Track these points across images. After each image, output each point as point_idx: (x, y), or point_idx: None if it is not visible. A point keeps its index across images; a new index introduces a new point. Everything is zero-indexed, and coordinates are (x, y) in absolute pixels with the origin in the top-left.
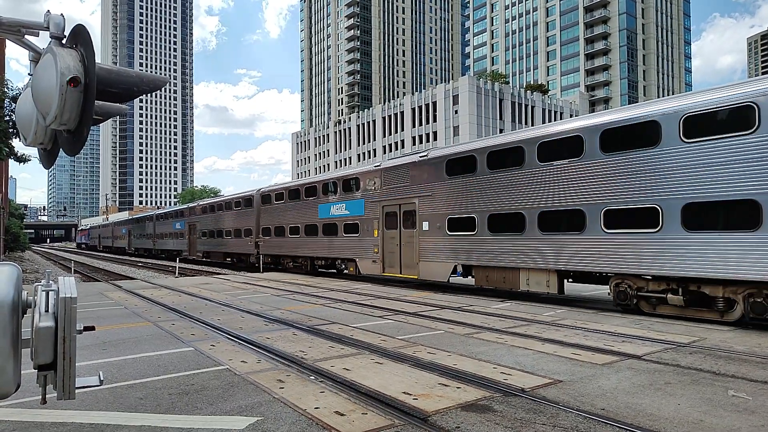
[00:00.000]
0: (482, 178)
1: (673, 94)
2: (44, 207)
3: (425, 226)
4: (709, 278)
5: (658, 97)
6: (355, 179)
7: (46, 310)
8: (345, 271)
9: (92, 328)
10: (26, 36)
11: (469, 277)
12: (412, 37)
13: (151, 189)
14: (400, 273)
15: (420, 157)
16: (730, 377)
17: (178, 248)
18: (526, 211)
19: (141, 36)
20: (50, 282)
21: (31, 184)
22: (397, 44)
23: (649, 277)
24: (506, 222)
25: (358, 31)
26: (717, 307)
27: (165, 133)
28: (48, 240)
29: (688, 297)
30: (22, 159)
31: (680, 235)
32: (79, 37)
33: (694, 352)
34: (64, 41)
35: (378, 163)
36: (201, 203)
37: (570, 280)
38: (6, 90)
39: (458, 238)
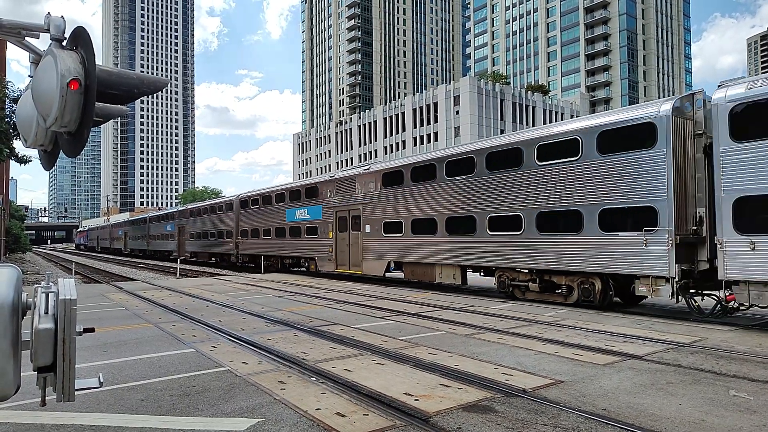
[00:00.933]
0: (408, 189)
1: (673, 94)
2: (45, 208)
3: (367, 228)
4: (554, 270)
5: (659, 97)
6: (314, 188)
7: (46, 312)
8: (305, 269)
9: (92, 330)
10: (27, 38)
11: (398, 272)
12: (412, 37)
13: (153, 190)
14: (349, 269)
15: (364, 169)
16: (731, 377)
17: (170, 249)
18: (437, 218)
19: (142, 37)
20: (50, 284)
21: (32, 186)
22: (398, 45)
23: (519, 270)
24: (425, 226)
25: (359, 32)
26: (562, 292)
27: (166, 134)
28: (49, 241)
29: (543, 285)
30: (22, 160)
31: (535, 236)
32: (80, 39)
33: (695, 352)
34: (64, 43)
35: (333, 174)
36: (189, 207)
37: (472, 271)
38: (7, 91)
39: (391, 239)
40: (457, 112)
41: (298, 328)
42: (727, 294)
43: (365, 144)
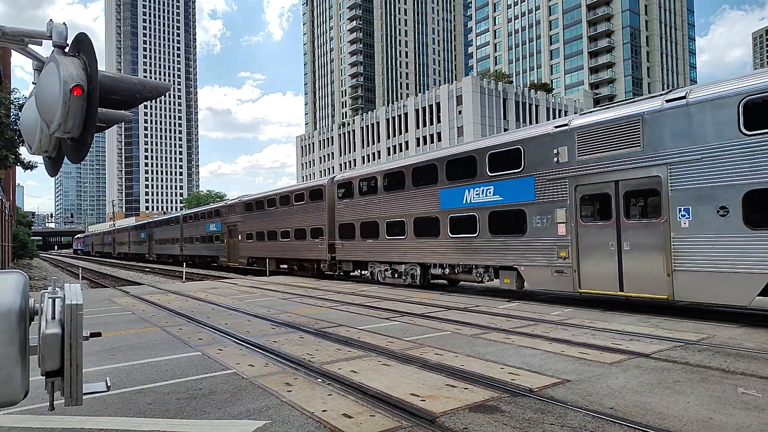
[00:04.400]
0: (270, 211)
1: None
2: (51, 214)
3: (240, 237)
4: (397, 261)
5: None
6: (216, 210)
7: (53, 317)
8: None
9: (99, 335)
10: (29, 45)
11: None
12: (414, 37)
13: (157, 194)
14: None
15: (239, 199)
16: (739, 374)
17: (143, 252)
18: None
19: (145, 42)
20: (57, 289)
21: (38, 192)
22: (400, 45)
23: (381, 262)
24: (266, 236)
25: (361, 33)
26: (402, 274)
27: (170, 139)
28: (56, 247)
29: (393, 270)
30: (28, 166)
31: (412, 239)
32: (82, 45)
33: (703, 349)
34: (66, 50)
35: (237, 197)
36: (158, 219)
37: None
38: (12, 98)
39: (253, 244)
40: (460, 112)
41: (304, 330)
42: None
43: (368, 145)
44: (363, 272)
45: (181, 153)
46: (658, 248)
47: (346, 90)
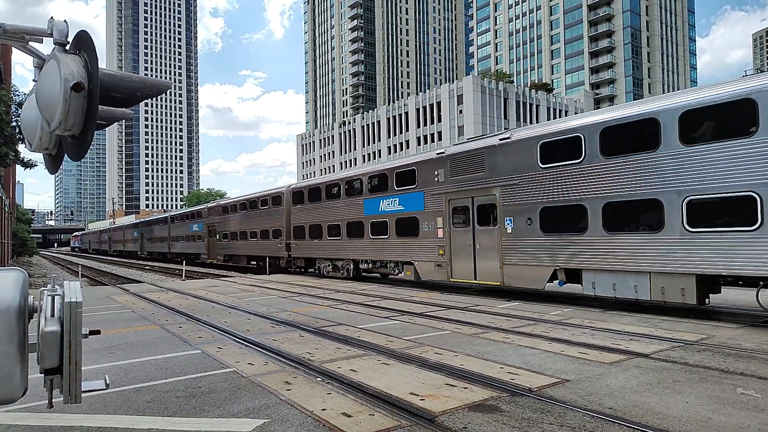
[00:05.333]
0: (242, 214)
1: (678, 90)
2: (51, 211)
3: (218, 236)
4: (357, 259)
5: (663, 94)
6: (198, 212)
7: (52, 315)
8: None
9: (98, 332)
10: (30, 42)
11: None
12: (415, 37)
13: (158, 192)
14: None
15: (217, 203)
16: (738, 375)
17: (135, 249)
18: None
19: (146, 40)
20: (56, 287)
21: (38, 189)
22: (401, 45)
23: (337, 258)
24: (238, 235)
25: (362, 33)
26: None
27: (170, 137)
28: (56, 244)
29: (333, 265)
30: (28, 164)
31: (346, 240)
32: (83, 42)
33: (702, 350)
34: (67, 47)
35: (207, 205)
36: (149, 219)
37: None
38: (12, 96)
39: (228, 242)
40: (461, 112)
41: (304, 328)
42: None
43: (369, 144)
44: (310, 269)
45: (181, 151)
46: (495, 248)
47: (347, 89)
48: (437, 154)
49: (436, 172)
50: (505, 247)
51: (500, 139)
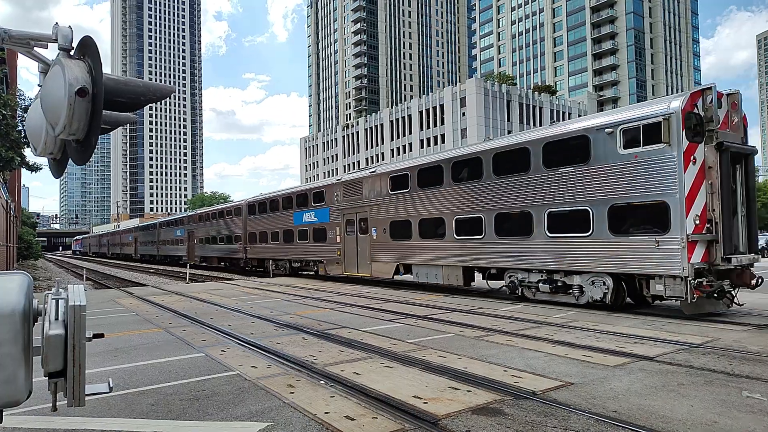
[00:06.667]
0: (213, 222)
1: (682, 92)
2: (56, 215)
3: (195, 241)
4: (291, 259)
5: (667, 95)
6: (180, 220)
7: (56, 318)
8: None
9: (101, 336)
10: (35, 48)
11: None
12: (418, 40)
13: (162, 196)
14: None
15: (195, 212)
16: (744, 378)
17: (130, 252)
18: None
19: (150, 44)
20: (60, 290)
21: (43, 193)
22: (404, 47)
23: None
24: (210, 240)
25: (365, 35)
26: (312, 267)
27: (175, 140)
28: (60, 248)
29: (300, 265)
30: (33, 168)
31: (282, 244)
32: (87, 48)
33: (707, 352)
34: (72, 52)
35: (187, 214)
36: (142, 225)
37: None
38: (18, 100)
39: (202, 246)
40: (464, 114)
41: (307, 331)
42: None
43: (372, 147)
44: (259, 268)
45: (185, 154)
46: (368, 249)
47: (350, 92)
48: (336, 180)
49: (336, 194)
50: (373, 249)
51: (370, 172)
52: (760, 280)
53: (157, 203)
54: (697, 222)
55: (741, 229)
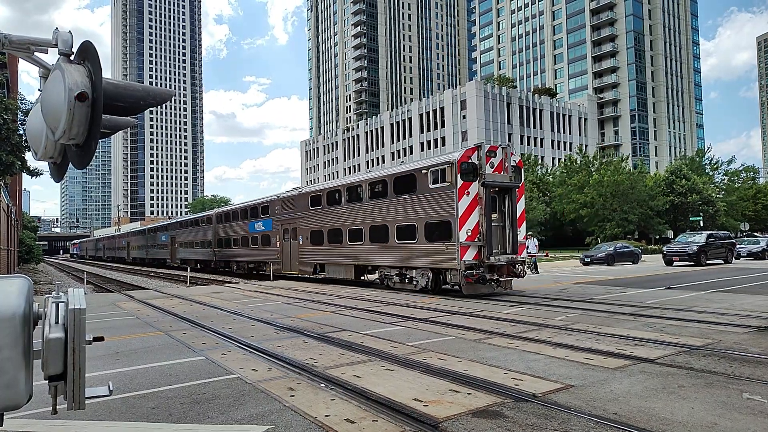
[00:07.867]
0: (190, 228)
1: (682, 94)
2: (57, 219)
3: (176, 245)
4: (248, 261)
5: (668, 98)
6: (165, 226)
7: (56, 322)
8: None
9: (101, 339)
10: (35, 53)
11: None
12: (418, 43)
13: (163, 199)
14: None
15: (176, 219)
16: (744, 380)
17: (123, 255)
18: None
19: (151, 48)
20: (60, 294)
21: (44, 197)
22: (404, 50)
23: (239, 261)
24: (187, 244)
25: (365, 38)
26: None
27: (175, 144)
28: (61, 251)
29: (248, 268)
30: (34, 173)
31: (242, 248)
32: (87, 53)
33: (708, 354)
34: (72, 57)
35: (172, 220)
36: (134, 230)
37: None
38: (19, 104)
39: (182, 249)
40: (464, 117)
41: (307, 334)
42: None
43: (372, 150)
44: (227, 269)
45: (186, 158)
46: (297, 252)
47: (350, 95)
48: (276, 196)
49: (276, 208)
50: (300, 252)
51: (298, 192)
52: (523, 273)
53: (157, 207)
54: (469, 233)
55: (508, 238)
